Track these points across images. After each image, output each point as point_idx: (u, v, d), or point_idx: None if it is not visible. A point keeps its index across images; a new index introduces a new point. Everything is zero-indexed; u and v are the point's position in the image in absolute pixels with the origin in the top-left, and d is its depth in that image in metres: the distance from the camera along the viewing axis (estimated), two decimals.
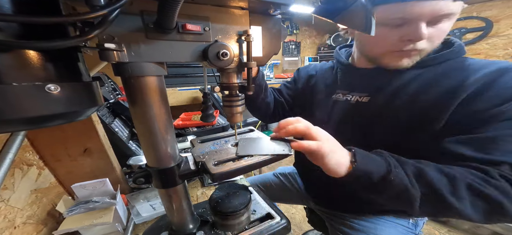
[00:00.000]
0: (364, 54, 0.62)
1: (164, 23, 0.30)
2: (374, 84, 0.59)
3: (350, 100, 0.63)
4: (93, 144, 0.69)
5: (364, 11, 0.44)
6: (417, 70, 0.53)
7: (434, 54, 0.52)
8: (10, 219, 0.54)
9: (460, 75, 0.48)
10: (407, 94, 0.52)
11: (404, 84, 0.54)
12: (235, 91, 0.43)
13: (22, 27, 0.24)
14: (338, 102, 0.66)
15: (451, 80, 0.48)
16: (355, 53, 0.66)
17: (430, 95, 0.49)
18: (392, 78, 0.56)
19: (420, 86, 0.51)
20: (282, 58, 3.21)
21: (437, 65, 0.52)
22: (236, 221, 0.50)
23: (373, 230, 0.64)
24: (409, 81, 0.53)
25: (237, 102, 0.44)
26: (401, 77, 0.54)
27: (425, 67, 0.53)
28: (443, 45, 0.54)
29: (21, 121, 0.25)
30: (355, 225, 0.67)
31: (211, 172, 0.38)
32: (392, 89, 0.55)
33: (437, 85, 0.49)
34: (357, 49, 0.64)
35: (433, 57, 0.52)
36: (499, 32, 1.93)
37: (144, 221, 0.66)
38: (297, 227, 1.55)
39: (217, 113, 1.53)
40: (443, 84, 0.49)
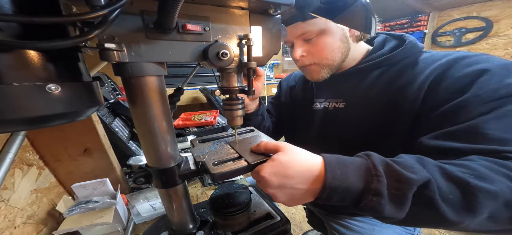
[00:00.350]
0: None
1: (164, 23, 0.30)
2: (346, 88, 0.61)
3: (328, 107, 0.65)
4: (93, 144, 0.69)
5: (364, 11, 0.44)
6: (379, 69, 0.56)
7: (388, 54, 0.54)
8: (10, 219, 0.54)
9: (412, 72, 0.50)
10: (374, 93, 0.54)
11: (370, 85, 0.56)
12: (235, 94, 0.43)
13: (22, 27, 0.24)
14: (317, 111, 0.67)
15: (404, 78, 0.50)
16: None
17: (391, 94, 0.51)
18: (359, 81, 0.58)
19: (382, 86, 0.53)
20: (282, 58, 3.21)
21: (393, 64, 0.54)
22: (236, 221, 0.50)
23: (371, 231, 0.65)
24: (374, 81, 0.55)
25: (237, 106, 0.44)
26: (368, 78, 0.57)
27: (383, 66, 0.55)
28: (398, 42, 0.56)
29: (22, 121, 0.25)
30: (353, 226, 0.68)
31: (211, 172, 0.38)
32: (361, 90, 0.57)
33: (394, 84, 0.51)
34: None
35: (388, 57, 0.54)
36: (499, 32, 1.93)
37: (144, 221, 0.66)
38: (297, 227, 1.55)
39: (217, 114, 1.53)
40: (398, 82, 0.51)
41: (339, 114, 0.62)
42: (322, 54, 0.56)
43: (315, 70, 0.60)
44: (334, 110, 0.63)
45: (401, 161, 0.34)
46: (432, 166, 0.33)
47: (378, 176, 0.32)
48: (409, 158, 0.35)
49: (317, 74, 0.60)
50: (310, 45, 0.56)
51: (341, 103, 0.62)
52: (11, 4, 0.23)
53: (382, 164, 0.33)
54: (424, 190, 0.30)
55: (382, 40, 0.61)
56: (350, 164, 0.34)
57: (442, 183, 0.30)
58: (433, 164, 0.33)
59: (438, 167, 0.32)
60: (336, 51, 0.56)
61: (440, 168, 0.32)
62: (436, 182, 0.30)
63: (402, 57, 0.53)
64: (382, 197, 0.31)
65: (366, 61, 0.58)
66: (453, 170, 0.31)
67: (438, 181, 0.30)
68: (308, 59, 0.58)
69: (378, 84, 0.55)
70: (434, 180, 0.30)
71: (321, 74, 0.60)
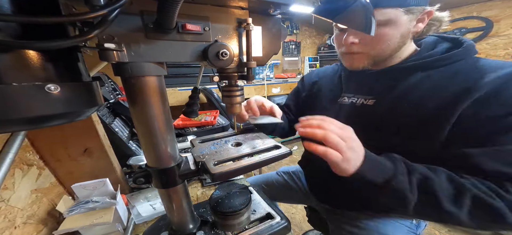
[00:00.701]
0: None
1: (164, 23, 0.30)
2: (380, 87, 0.58)
3: (356, 103, 0.62)
4: (93, 144, 0.69)
5: (364, 11, 0.44)
6: (424, 72, 0.52)
7: (442, 55, 0.51)
8: (10, 219, 0.54)
9: (472, 75, 0.46)
10: (415, 97, 0.51)
11: (410, 87, 0.52)
12: (234, 81, 0.42)
13: (22, 27, 0.24)
14: (343, 106, 0.65)
15: (463, 81, 0.46)
16: None
17: (438, 98, 0.48)
18: (398, 80, 0.55)
19: (430, 87, 0.50)
20: (282, 58, 3.21)
21: (447, 67, 0.50)
22: (236, 221, 0.50)
23: (375, 229, 0.64)
24: (415, 84, 0.52)
25: (236, 92, 0.43)
26: (408, 80, 0.53)
27: (432, 68, 0.51)
28: (452, 44, 0.53)
29: (21, 121, 0.25)
30: (359, 223, 0.67)
31: (211, 172, 0.38)
32: (398, 92, 0.54)
33: (446, 87, 0.48)
34: None
35: (440, 57, 0.51)
36: (499, 32, 1.93)
37: (144, 221, 0.66)
38: (297, 227, 1.55)
39: (217, 114, 1.53)
40: (454, 85, 0.47)
41: (366, 111, 0.59)
42: (376, 45, 0.53)
43: (360, 59, 0.57)
44: (362, 107, 0.60)
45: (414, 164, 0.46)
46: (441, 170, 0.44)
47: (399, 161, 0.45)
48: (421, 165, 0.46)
49: (360, 63, 0.57)
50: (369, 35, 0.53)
51: (371, 101, 0.59)
52: (11, 4, 0.22)
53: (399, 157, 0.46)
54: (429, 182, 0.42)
55: (432, 41, 0.57)
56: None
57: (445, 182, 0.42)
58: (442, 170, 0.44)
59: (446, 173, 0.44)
60: (392, 44, 0.53)
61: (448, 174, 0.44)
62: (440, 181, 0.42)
63: (458, 58, 0.49)
64: (405, 177, 0.43)
65: (414, 60, 0.54)
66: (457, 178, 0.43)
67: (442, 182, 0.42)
68: (358, 47, 0.55)
69: (425, 85, 0.51)
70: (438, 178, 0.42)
71: (363, 63, 0.57)
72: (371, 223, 0.66)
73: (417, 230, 0.67)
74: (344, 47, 0.58)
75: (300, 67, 3.35)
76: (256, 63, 0.40)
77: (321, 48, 3.39)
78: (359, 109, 0.61)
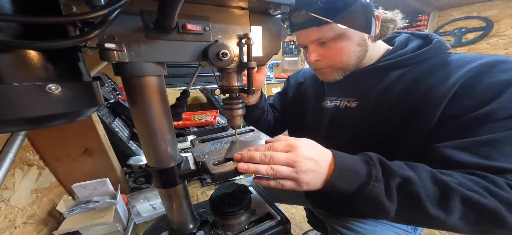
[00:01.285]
0: None
1: (164, 23, 0.30)
2: (361, 88, 0.59)
3: (339, 106, 0.63)
4: (93, 144, 0.69)
5: (364, 11, 0.44)
6: (399, 70, 0.53)
7: (412, 53, 0.52)
8: (10, 219, 0.54)
9: (441, 73, 0.47)
10: (393, 95, 0.52)
11: (389, 86, 0.53)
12: (235, 94, 0.43)
13: (22, 27, 0.24)
14: (327, 109, 0.66)
15: (433, 79, 0.47)
16: None
17: (415, 96, 0.48)
18: (377, 80, 0.55)
19: (404, 87, 0.50)
20: (282, 58, 3.21)
21: (418, 64, 0.51)
22: (236, 221, 0.50)
23: (371, 232, 0.64)
24: (393, 82, 0.53)
25: (237, 105, 0.44)
26: (384, 80, 0.54)
27: (405, 66, 0.52)
28: (423, 42, 0.54)
29: (22, 121, 0.25)
30: (354, 226, 0.67)
31: (211, 172, 0.38)
32: (377, 92, 0.55)
33: (420, 86, 0.48)
34: None
35: (411, 56, 0.51)
36: (499, 32, 1.93)
37: (144, 221, 0.66)
38: (297, 227, 1.55)
39: (217, 114, 1.53)
40: (426, 84, 0.47)
41: (350, 114, 0.59)
42: (337, 58, 0.55)
43: (329, 72, 0.59)
44: (345, 110, 0.61)
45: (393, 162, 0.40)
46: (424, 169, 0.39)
47: (375, 165, 0.39)
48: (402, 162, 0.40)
49: (330, 76, 0.59)
50: (326, 49, 0.55)
51: (353, 103, 0.59)
52: (11, 4, 0.23)
53: (376, 157, 0.40)
54: (410, 184, 0.36)
55: (404, 39, 0.58)
56: (352, 156, 0.41)
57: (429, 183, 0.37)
58: (425, 168, 0.39)
59: (429, 171, 0.38)
60: (352, 55, 0.54)
61: (431, 171, 0.38)
62: (423, 181, 0.37)
63: (428, 56, 0.50)
64: (381, 182, 0.37)
65: (386, 60, 0.55)
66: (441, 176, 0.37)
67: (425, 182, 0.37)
68: (322, 63, 0.57)
69: (399, 85, 0.51)
70: (420, 179, 0.37)
71: (334, 76, 0.59)
72: (367, 226, 0.66)
73: (415, 232, 0.67)
74: (312, 64, 0.60)
75: (300, 67, 3.35)
76: (256, 63, 0.40)
77: None
78: (343, 112, 0.61)
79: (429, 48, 0.50)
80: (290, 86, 0.84)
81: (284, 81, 0.90)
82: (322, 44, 0.55)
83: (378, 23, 0.53)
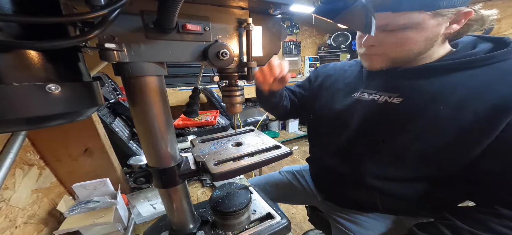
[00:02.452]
0: None
1: (164, 23, 0.30)
2: (407, 85, 0.54)
3: (377, 100, 0.58)
4: (93, 143, 0.69)
5: (364, 11, 0.44)
6: (464, 72, 0.47)
7: (484, 55, 0.47)
8: (11, 219, 0.55)
9: None
10: (454, 100, 0.46)
11: (448, 88, 0.48)
12: (234, 81, 0.42)
13: (22, 27, 0.24)
14: (362, 101, 0.62)
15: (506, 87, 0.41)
16: None
17: (487, 100, 0.42)
18: (432, 80, 0.50)
19: (470, 92, 0.44)
20: (282, 58, 3.21)
21: (492, 66, 0.45)
22: (237, 221, 0.50)
23: (378, 227, 0.64)
24: (455, 85, 0.47)
25: (236, 92, 0.43)
26: (444, 80, 0.49)
27: (474, 68, 0.46)
28: (494, 45, 0.50)
29: (22, 121, 0.25)
30: (358, 219, 0.68)
31: (212, 172, 0.38)
32: (432, 91, 0.49)
33: (491, 92, 0.42)
34: None
35: (483, 57, 0.46)
36: (500, 32, 1.93)
37: (144, 221, 0.66)
38: (297, 227, 1.55)
39: (218, 114, 1.53)
40: (499, 91, 0.41)
41: (389, 109, 0.54)
42: (396, 48, 0.50)
43: (378, 60, 0.55)
44: (385, 105, 0.55)
45: None
46: None
47: None
48: None
49: (378, 63, 0.55)
50: (386, 35, 0.50)
51: (396, 99, 0.53)
52: (11, 4, 0.23)
53: None
54: None
55: (471, 41, 0.53)
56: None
57: None
58: None
59: None
60: (415, 48, 0.49)
61: None
62: None
63: (501, 59, 0.44)
64: None
65: (447, 60, 0.50)
66: None
67: None
68: (377, 49, 0.53)
69: (467, 86, 0.45)
70: None
71: (381, 65, 0.55)
72: (370, 220, 0.66)
73: None
74: (364, 48, 0.57)
75: (301, 67, 3.35)
76: (256, 63, 0.40)
77: (321, 48, 3.39)
78: (381, 106, 0.57)
79: (504, 52, 0.44)
80: (318, 77, 0.83)
81: (311, 71, 0.90)
82: (384, 30, 0.50)
83: (464, 21, 0.47)
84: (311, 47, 3.45)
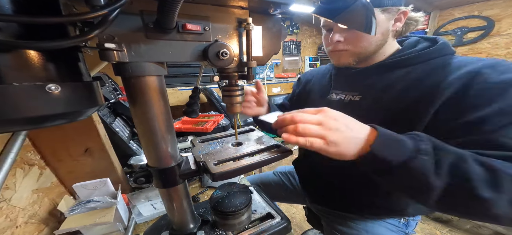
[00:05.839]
0: None
1: (164, 23, 0.30)
2: (365, 83, 0.61)
3: (344, 99, 0.65)
4: (94, 143, 0.69)
5: (364, 11, 0.44)
6: (404, 69, 0.55)
7: (418, 53, 0.54)
8: (12, 218, 0.55)
9: (440, 74, 0.48)
10: (395, 91, 0.54)
11: (392, 82, 0.55)
12: (234, 80, 0.42)
13: (22, 27, 0.24)
14: (332, 102, 0.68)
15: (431, 79, 0.49)
16: None
17: (415, 93, 0.50)
18: (381, 76, 0.58)
19: (406, 84, 0.53)
20: (282, 58, 3.21)
21: (421, 64, 0.53)
22: (237, 220, 0.50)
23: (364, 228, 0.66)
24: (396, 79, 0.55)
25: (236, 92, 0.43)
26: (389, 76, 0.57)
27: (411, 65, 0.54)
28: (430, 43, 0.56)
29: (22, 121, 0.25)
30: (349, 222, 0.69)
31: (212, 172, 0.38)
32: (381, 86, 0.57)
33: (421, 84, 0.50)
34: None
35: (415, 55, 0.54)
36: (500, 31, 1.92)
37: (145, 221, 0.66)
38: (297, 227, 1.55)
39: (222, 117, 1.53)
40: (426, 82, 0.50)
41: (353, 107, 0.61)
42: (358, 43, 0.57)
43: (345, 56, 0.60)
44: (349, 103, 0.63)
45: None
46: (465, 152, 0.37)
47: (422, 140, 0.37)
48: None
49: (345, 59, 0.61)
50: (350, 32, 0.57)
51: (357, 96, 0.62)
52: (11, 4, 0.23)
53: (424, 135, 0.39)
54: (464, 164, 0.35)
55: (414, 41, 0.60)
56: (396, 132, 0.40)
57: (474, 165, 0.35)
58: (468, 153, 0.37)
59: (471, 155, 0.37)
60: (373, 42, 0.56)
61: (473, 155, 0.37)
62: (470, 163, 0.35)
63: (431, 57, 0.52)
64: (431, 157, 0.36)
65: (392, 58, 0.58)
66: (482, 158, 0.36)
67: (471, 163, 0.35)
68: (343, 45, 0.59)
69: (402, 82, 0.53)
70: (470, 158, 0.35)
71: (349, 60, 0.61)
72: (361, 222, 0.68)
73: (407, 229, 0.68)
74: (331, 45, 0.62)
75: (301, 67, 3.35)
76: (256, 63, 0.40)
77: (321, 47, 3.38)
78: (347, 105, 0.63)
79: (433, 49, 0.53)
80: (300, 84, 0.88)
81: (295, 82, 0.94)
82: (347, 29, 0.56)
83: (404, 19, 0.56)
84: (311, 47, 3.44)
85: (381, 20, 0.53)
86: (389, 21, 0.55)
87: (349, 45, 0.58)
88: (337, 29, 0.58)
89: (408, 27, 0.60)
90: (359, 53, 0.59)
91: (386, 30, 0.55)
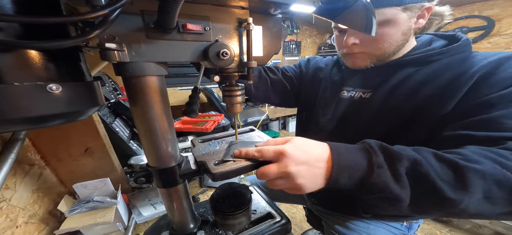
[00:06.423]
0: None
1: (164, 23, 0.30)
2: (376, 80, 0.59)
3: (354, 96, 0.63)
4: (94, 143, 0.69)
5: (365, 11, 0.44)
6: (416, 67, 0.53)
7: (440, 49, 0.52)
8: (12, 218, 0.55)
9: (463, 65, 0.47)
10: (408, 87, 0.52)
11: (404, 79, 0.54)
12: (234, 80, 0.42)
13: (23, 27, 0.24)
14: (342, 100, 0.66)
15: (454, 71, 0.47)
16: None
17: (431, 88, 0.49)
18: (393, 73, 0.56)
19: (420, 80, 0.51)
20: (282, 57, 3.21)
21: (439, 61, 0.51)
22: (237, 220, 0.50)
23: (365, 230, 0.65)
24: (409, 75, 0.53)
25: (236, 92, 0.43)
26: (402, 73, 0.55)
27: (424, 64, 0.53)
28: (448, 42, 0.54)
29: (23, 121, 0.25)
30: (350, 224, 0.68)
31: (212, 172, 0.38)
32: (393, 83, 0.55)
33: (438, 78, 0.49)
34: None
35: (432, 53, 0.52)
36: (501, 31, 1.92)
37: (145, 221, 0.66)
38: (297, 227, 1.55)
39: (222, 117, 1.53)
40: (445, 75, 0.48)
41: (363, 104, 0.60)
42: (377, 45, 0.54)
43: (362, 58, 0.58)
44: (359, 100, 0.61)
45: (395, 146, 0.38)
46: (425, 151, 0.37)
47: (375, 152, 0.36)
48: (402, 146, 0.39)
49: (361, 62, 0.58)
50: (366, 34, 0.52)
51: (368, 94, 0.59)
52: (13, 4, 0.23)
53: (376, 144, 0.38)
54: (418, 167, 0.34)
55: (427, 39, 0.58)
56: (350, 146, 0.39)
57: (435, 163, 0.34)
58: (426, 150, 0.37)
59: (431, 152, 0.36)
60: (394, 43, 0.53)
61: (433, 152, 0.36)
62: (429, 162, 0.34)
63: (454, 53, 0.50)
64: (385, 169, 0.35)
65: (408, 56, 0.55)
66: (444, 154, 0.36)
67: (431, 162, 0.34)
68: (359, 47, 0.56)
69: (416, 78, 0.52)
70: (426, 160, 0.34)
71: (366, 63, 0.58)
72: (362, 223, 0.67)
73: (409, 231, 0.67)
74: (345, 48, 0.59)
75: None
76: (256, 63, 0.40)
77: (321, 47, 3.39)
78: (357, 102, 0.62)
79: (457, 46, 0.50)
80: (309, 67, 0.82)
81: (302, 60, 0.86)
82: None
83: (427, 15, 0.53)
84: (311, 47, 3.44)
85: (402, 19, 0.51)
86: (411, 19, 0.52)
87: (365, 47, 0.55)
88: (352, 31, 0.55)
89: (432, 23, 0.56)
90: (378, 56, 0.56)
91: (408, 29, 0.52)
